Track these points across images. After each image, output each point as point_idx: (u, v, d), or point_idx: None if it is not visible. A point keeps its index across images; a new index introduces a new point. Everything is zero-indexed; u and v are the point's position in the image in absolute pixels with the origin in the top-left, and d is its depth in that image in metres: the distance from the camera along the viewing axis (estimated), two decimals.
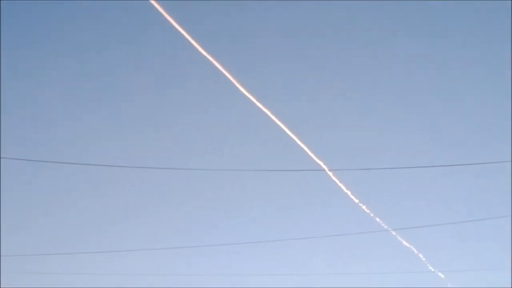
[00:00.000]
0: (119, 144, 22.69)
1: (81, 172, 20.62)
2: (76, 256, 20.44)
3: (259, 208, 22.47)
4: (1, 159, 16.41)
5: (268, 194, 22.46)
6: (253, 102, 16.77)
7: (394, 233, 19.50)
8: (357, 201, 19.07)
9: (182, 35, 16.01)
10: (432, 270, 20.29)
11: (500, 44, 21.57)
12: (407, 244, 19.70)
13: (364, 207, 19.24)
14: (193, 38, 16.27)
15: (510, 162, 17.07)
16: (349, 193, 18.78)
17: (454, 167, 18.69)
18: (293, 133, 17.64)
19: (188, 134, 22.91)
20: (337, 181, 18.27)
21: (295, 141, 17.63)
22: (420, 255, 20.03)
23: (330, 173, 18.04)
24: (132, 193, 22.52)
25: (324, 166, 17.79)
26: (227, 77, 16.60)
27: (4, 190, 20.55)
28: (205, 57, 16.36)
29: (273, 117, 17.12)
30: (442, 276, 20.44)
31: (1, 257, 18.98)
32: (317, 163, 17.63)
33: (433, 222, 20.21)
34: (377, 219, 19.33)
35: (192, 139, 22.74)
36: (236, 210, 22.66)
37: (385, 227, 19.42)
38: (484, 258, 21.14)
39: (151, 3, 15.64)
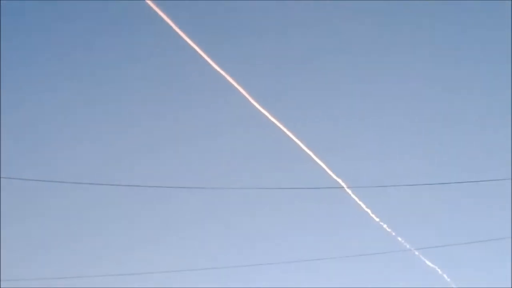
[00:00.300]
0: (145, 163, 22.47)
1: (94, 194, 20.45)
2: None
3: (275, 227, 22.07)
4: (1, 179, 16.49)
5: (283, 213, 22.07)
6: (267, 117, 17.12)
7: (417, 253, 19.46)
8: (378, 219, 19.18)
9: (198, 53, 16.23)
10: None
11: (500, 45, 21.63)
12: (431, 264, 19.56)
13: (385, 225, 19.30)
14: (208, 56, 16.67)
15: None
16: (369, 211, 18.92)
17: (481, 183, 18.64)
18: (309, 149, 17.84)
19: (202, 153, 22.63)
20: (356, 199, 18.48)
21: (312, 157, 17.82)
22: (445, 276, 19.75)
23: (349, 191, 18.34)
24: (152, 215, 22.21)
25: (342, 183, 18.10)
26: (243, 95, 16.86)
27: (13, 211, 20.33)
28: (217, 71, 16.48)
29: (288, 132, 17.35)
30: None
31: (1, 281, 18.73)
32: (335, 180, 17.97)
33: (458, 241, 19.94)
34: (399, 238, 19.34)
35: (207, 158, 22.48)
36: (251, 230, 22.22)
37: (408, 246, 19.39)
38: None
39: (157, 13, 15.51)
